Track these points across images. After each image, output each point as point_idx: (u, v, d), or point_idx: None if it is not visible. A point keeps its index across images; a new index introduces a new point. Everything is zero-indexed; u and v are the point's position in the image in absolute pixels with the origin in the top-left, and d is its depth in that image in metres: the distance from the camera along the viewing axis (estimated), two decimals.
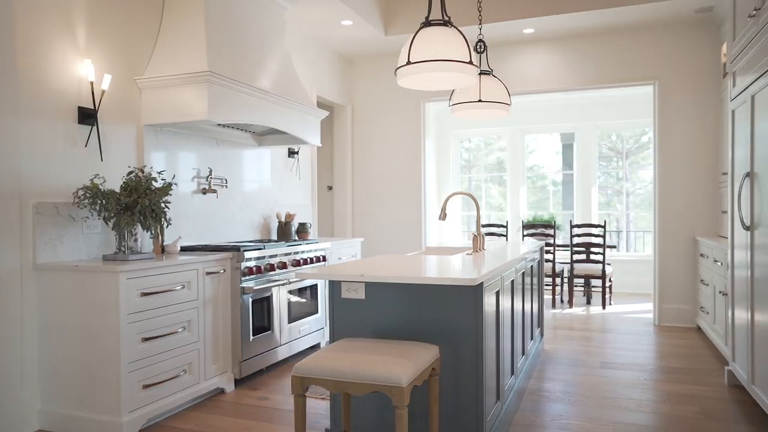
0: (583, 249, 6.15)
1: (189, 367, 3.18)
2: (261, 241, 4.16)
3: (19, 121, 2.83)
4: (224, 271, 3.46)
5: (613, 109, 7.62)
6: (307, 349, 4.44)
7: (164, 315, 3.01)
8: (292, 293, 4.10)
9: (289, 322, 4.07)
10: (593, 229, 6.20)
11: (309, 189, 5.63)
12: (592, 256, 6.17)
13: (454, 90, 4.10)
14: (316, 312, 4.45)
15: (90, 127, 3.20)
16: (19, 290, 2.83)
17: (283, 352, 4.00)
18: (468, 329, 2.32)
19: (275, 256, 3.91)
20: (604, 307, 6.09)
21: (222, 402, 3.29)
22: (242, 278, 3.55)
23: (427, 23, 2.85)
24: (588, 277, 6.18)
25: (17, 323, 2.82)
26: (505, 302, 2.88)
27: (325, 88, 5.82)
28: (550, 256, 6.38)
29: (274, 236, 4.88)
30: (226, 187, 4.29)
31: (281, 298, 3.98)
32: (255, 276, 3.67)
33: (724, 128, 4.78)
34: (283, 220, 4.76)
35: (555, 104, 7.83)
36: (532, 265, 3.99)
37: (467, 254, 3.30)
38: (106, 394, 2.76)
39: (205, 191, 4.05)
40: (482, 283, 2.29)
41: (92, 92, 3.17)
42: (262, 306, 3.77)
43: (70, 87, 3.09)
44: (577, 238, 6.27)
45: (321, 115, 4.69)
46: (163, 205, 3.15)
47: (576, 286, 7.29)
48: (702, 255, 4.75)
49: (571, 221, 6.36)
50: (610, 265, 6.36)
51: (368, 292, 2.50)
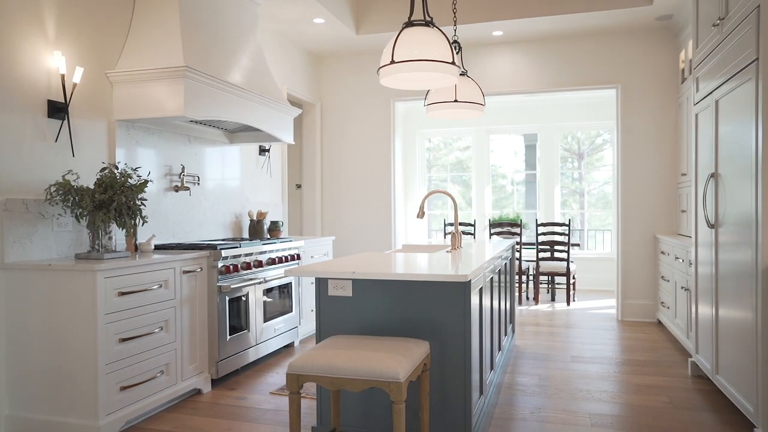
0: (548, 247, 6.32)
1: (166, 368, 3.11)
2: (234, 240, 4.10)
3: None
4: (201, 269, 3.40)
5: (573, 112, 7.86)
6: (281, 349, 4.41)
7: (141, 315, 2.93)
8: (266, 292, 4.06)
9: (265, 321, 4.03)
10: (558, 227, 6.38)
11: (279, 187, 5.58)
12: (557, 254, 6.35)
13: (429, 90, 4.14)
14: (291, 311, 4.42)
15: (60, 121, 3.08)
16: None
17: (259, 351, 3.96)
18: (456, 325, 2.37)
19: (251, 254, 3.86)
20: (569, 304, 6.28)
21: (199, 403, 3.23)
22: (219, 277, 3.50)
23: (410, 23, 2.87)
24: (553, 275, 6.36)
25: None
26: (486, 299, 2.94)
27: (294, 86, 5.78)
28: (516, 254, 6.53)
29: (246, 234, 4.82)
30: (198, 184, 4.21)
31: (257, 297, 3.93)
32: (232, 275, 3.62)
33: (682, 131, 5.01)
34: (255, 218, 4.70)
35: (519, 105, 8.01)
36: (506, 263, 4.08)
37: (447, 251, 3.35)
38: (82, 397, 2.67)
39: (177, 189, 3.96)
40: (470, 279, 2.34)
41: (63, 85, 3.06)
42: (238, 305, 3.72)
43: (39, 79, 2.97)
44: (542, 237, 6.43)
45: (294, 113, 4.66)
46: (139, 202, 3.07)
47: (541, 284, 7.48)
48: (663, 252, 4.97)
49: (536, 220, 6.52)
50: (573, 262, 6.56)
51: (355, 290, 2.51)
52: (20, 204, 2.83)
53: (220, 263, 3.50)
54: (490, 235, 6.71)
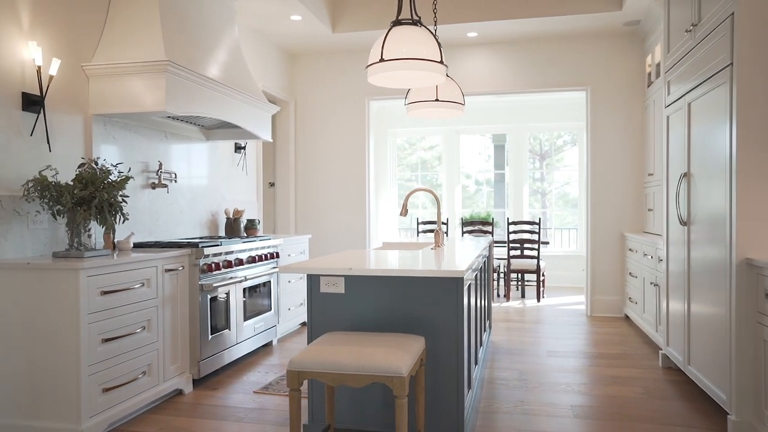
0: (518, 245, 6.46)
1: (148, 369, 3.04)
2: (212, 238, 4.04)
3: None
4: (183, 268, 3.34)
5: (541, 113, 8.04)
6: (260, 348, 4.37)
7: (124, 314, 2.86)
8: (246, 291, 4.02)
9: (245, 320, 3.99)
10: (529, 226, 6.53)
11: (255, 185, 5.52)
12: (527, 252, 6.49)
13: (409, 89, 4.18)
14: (269, 310, 4.38)
15: (36, 114, 2.97)
16: None
17: (239, 350, 3.91)
18: (449, 321, 2.41)
19: (231, 252, 3.82)
20: (539, 300, 6.43)
21: (182, 404, 3.17)
22: (201, 275, 3.44)
23: (398, 22, 2.90)
24: (523, 272, 6.50)
25: None
26: (473, 295, 3.00)
27: (268, 83, 5.72)
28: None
29: (222, 233, 4.75)
30: (175, 181, 4.13)
31: (237, 295, 3.89)
32: (213, 273, 3.57)
33: (649, 133, 5.21)
34: (232, 216, 4.64)
35: (489, 106, 8.14)
36: (485, 261, 4.15)
37: (431, 249, 3.40)
38: (64, 400, 2.59)
39: (154, 186, 3.88)
40: (465, 275, 2.38)
41: (39, 77, 2.95)
42: (220, 304, 3.67)
43: (13, 70, 2.86)
44: (513, 235, 6.57)
45: (272, 110, 4.62)
46: (120, 199, 3.00)
47: (511, 281, 7.62)
48: (630, 249, 5.15)
49: (507, 219, 6.65)
50: (543, 260, 6.72)
51: (348, 286, 2.52)
52: None
53: (202, 261, 3.45)
54: (463, 233, 6.80)
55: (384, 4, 5.39)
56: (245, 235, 4.68)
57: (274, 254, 4.41)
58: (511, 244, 6.46)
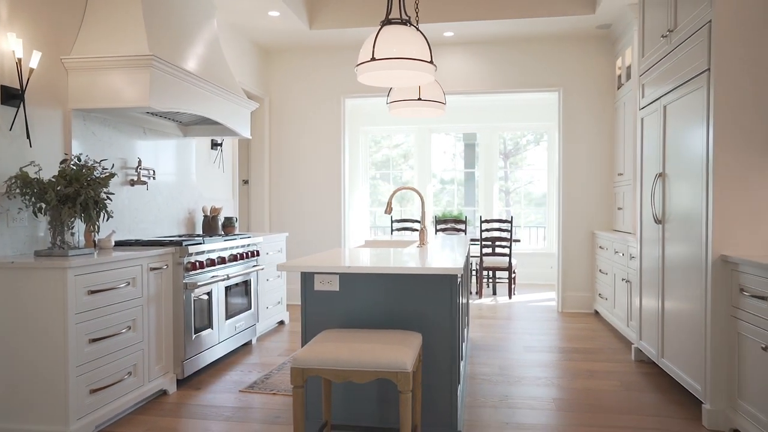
0: (490, 243, 6.59)
1: (134, 369, 2.99)
2: (191, 236, 3.98)
3: None
4: (167, 266, 3.29)
5: (511, 113, 8.20)
6: (241, 346, 4.33)
7: (110, 314, 2.80)
8: (228, 289, 3.99)
9: (227, 318, 3.95)
10: (500, 224, 6.66)
11: (230, 182, 5.46)
12: (498, 250, 6.63)
13: (391, 88, 4.21)
14: (250, 308, 4.35)
15: (15, 109, 2.88)
16: None
17: (221, 350, 3.88)
18: (443, 317, 2.46)
19: (213, 251, 3.77)
20: (511, 297, 6.58)
21: (167, 404, 3.13)
22: (185, 274, 3.40)
23: (389, 21, 2.93)
24: (495, 269, 6.63)
25: None
26: (461, 292, 3.06)
27: (243, 79, 5.66)
28: None
29: (199, 231, 4.68)
30: (154, 178, 4.05)
31: (219, 294, 3.85)
32: (197, 271, 3.53)
33: (618, 133, 5.39)
34: (209, 214, 4.58)
35: (461, 105, 8.25)
36: (467, 258, 4.23)
37: (417, 247, 3.44)
38: (51, 402, 2.53)
39: (133, 183, 3.80)
40: (458, 273, 2.43)
41: (19, 70, 2.85)
42: (203, 302, 3.63)
43: None
44: (486, 233, 6.69)
45: (252, 107, 4.58)
46: (105, 196, 2.93)
47: (483, 278, 7.75)
48: (601, 247, 5.33)
49: (480, 217, 6.77)
50: (514, 258, 6.87)
51: (342, 284, 2.54)
52: None
53: (186, 260, 3.40)
54: (436, 231, 6.89)
55: (362, 2, 5.40)
56: (223, 233, 4.62)
57: (255, 252, 4.38)
58: (484, 242, 6.58)
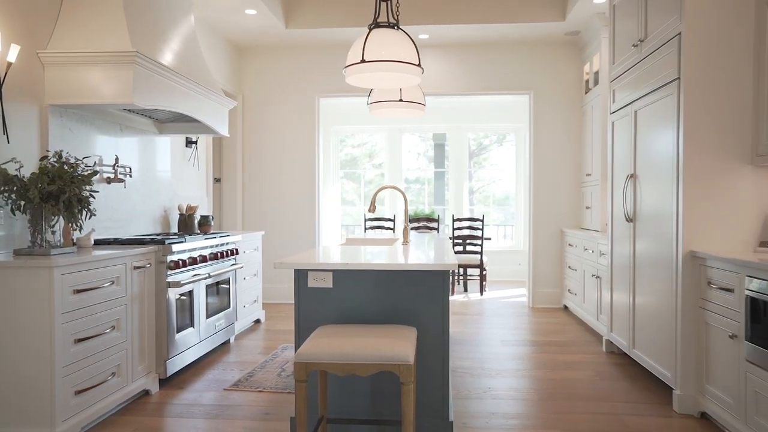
0: (461, 241, 6.72)
1: (118, 369, 2.95)
2: (168, 235, 3.93)
3: None
4: (150, 265, 3.25)
5: (480, 114, 8.37)
6: (220, 345, 4.30)
7: (95, 314, 2.76)
8: (209, 288, 3.96)
9: (207, 317, 3.93)
10: (472, 222, 6.81)
11: (205, 181, 5.40)
12: (470, 248, 6.77)
13: (371, 89, 4.26)
14: (229, 307, 4.33)
15: None
16: None
17: (202, 348, 3.85)
18: (435, 311, 2.53)
19: (195, 249, 3.75)
20: (482, 294, 6.73)
21: (151, 404, 3.10)
22: (168, 272, 3.36)
23: (377, 25, 2.99)
24: (466, 267, 6.77)
25: None
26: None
27: (217, 77, 5.60)
28: None
29: (174, 229, 4.62)
30: (131, 176, 3.98)
31: (200, 292, 3.82)
32: (180, 270, 3.50)
33: (586, 136, 5.60)
34: (185, 212, 4.53)
35: (432, 106, 8.35)
36: None
37: (402, 244, 3.51)
38: (37, 404, 2.48)
39: (109, 180, 3.73)
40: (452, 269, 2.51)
41: None
42: (185, 301, 3.60)
43: None
44: (457, 231, 6.82)
45: (230, 105, 4.55)
46: (88, 193, 2.88)
47: (454, 275, 7.89)
48: (570, 245, 5.52)
49: (452, 215, 6.90)
50: (485, 255, 7.03)
51: (336, 281, 2.58)
52: None
53: (170, 258, 3.37)
54: (409, 229, 6.97)
55: (339, 3, 5.43)
56: (199, 231, 4.58)
57: (234, 251, 4.36)
58: (456, 240, 6.71)
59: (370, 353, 2.00)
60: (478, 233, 6.75)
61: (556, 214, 5.91)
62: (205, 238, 3.90)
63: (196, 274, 3.71)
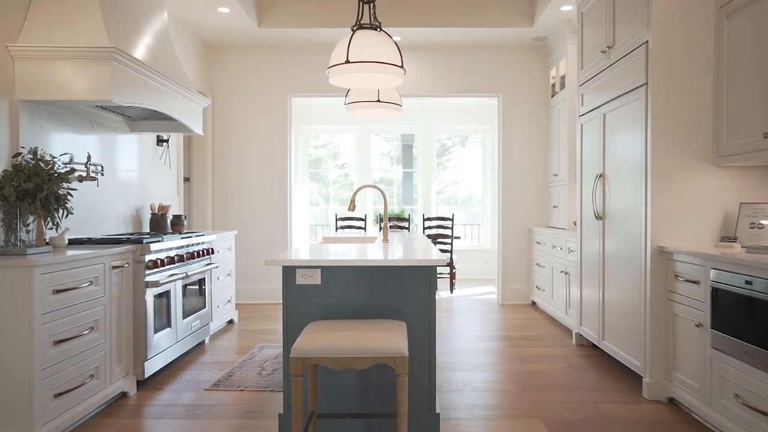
0: (431, 240, 6.82)
1: (96, 371, 2.89)
2: (142, 234, 3.86)
3: None
4: (128, 264, 3.20)
5: (448, 115, 8.51)
6: (195, 346, 4.25)
7: (74, 314, 2.71)
8: (185, 288, 3.91)
9: (184, 317, 3.88)
10: (442, 221, 6.92)
11: (176, 180, 5.32)
12: (440, 246, 6.87)
13: (349, 89, 4.30)
14: (204, 307, 4.28)
15: None
16: None
17: (178, 349, 3.80)
18: (422, 306, 2.59)
19: (172, 248, 3.70)
20: (452, 292, 6.85)
21: (130, 406, 3.05)
22: (146, 272, 3.31)
23: (360, 26, 3.03)
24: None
25: None
26: None
27: (189, 75, 5.53)
28: None
29: (147, 228, 4.54)
30: (102, 174, 3.90)
31: (178, 292, 3.78)
32: (159, 269, 3.45)
33: (552, 138, 5.78)
34: (157, 212, 4.46)
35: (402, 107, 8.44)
36: None
37: (383, 242, 3.56)
38: (16, 408, 2.41)
39: (81, 179, 3.63)
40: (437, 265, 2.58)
41: None
42: (162, 301, 3.55)
43: None
44: (428, 230, 6.92)
45: (204, 103, 4.51)
46: (65, 191, 2.82)
47: None
48: (538, 243, 5.69)
49: (423, 215, 7.00)
50: (454, 254, 7.15)
51: (324, 278, 2.61)
52: None
53: (148, 257, 3.32)
54: (380, 228, 7.02)
55: (312, 3, 5.44)
56: (171, 231, 4.51)
57: (210, 250, 4.32)
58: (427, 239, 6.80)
59: (366, 346, 2.04)
60: (448, 232, 6.86)
61: (523, 213, 6.08)
62: (182, 238, 3.85)
63: (173, 274, 3.66)
